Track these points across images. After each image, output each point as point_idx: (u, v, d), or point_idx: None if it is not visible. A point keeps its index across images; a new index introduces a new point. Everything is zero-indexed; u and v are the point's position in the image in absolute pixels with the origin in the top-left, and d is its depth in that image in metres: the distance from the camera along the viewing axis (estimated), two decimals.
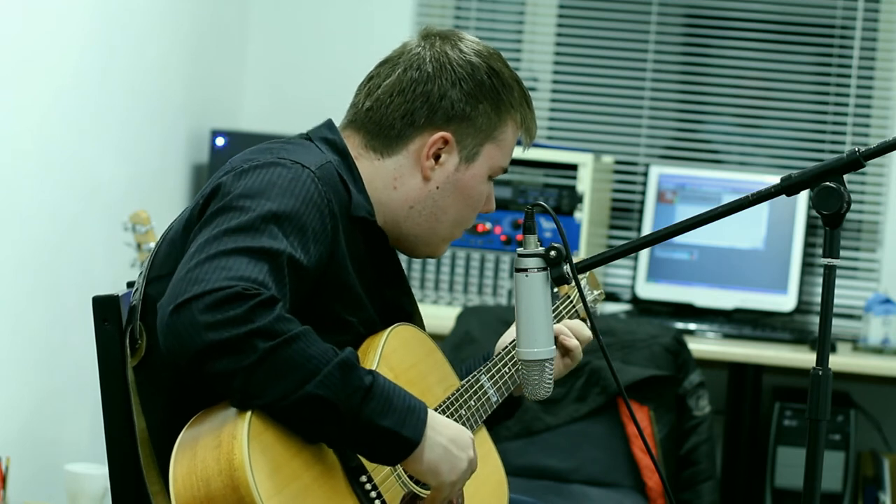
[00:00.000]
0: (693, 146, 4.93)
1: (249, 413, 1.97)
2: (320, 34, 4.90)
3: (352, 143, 2.30)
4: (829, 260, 2.00)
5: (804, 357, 4.22)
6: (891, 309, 4.41)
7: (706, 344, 4.31)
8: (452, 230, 2.34)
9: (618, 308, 4.56)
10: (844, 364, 4.21)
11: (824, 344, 2.00)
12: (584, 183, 4.41)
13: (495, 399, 2.41)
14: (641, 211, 4.76)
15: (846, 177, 2.02)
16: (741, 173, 4.78)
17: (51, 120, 3.64)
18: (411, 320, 2.36)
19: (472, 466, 2.14)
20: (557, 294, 2.56)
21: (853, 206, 2.13)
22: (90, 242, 3.85)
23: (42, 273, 3.64)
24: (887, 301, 4.44)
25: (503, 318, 3.96)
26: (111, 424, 2.19)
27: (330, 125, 2.32)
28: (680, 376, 3.99)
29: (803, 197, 4.52)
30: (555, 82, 4.96)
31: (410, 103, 2.27)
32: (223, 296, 1.94)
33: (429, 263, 4.44)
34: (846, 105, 4.80)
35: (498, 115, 2.31)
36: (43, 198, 3.62)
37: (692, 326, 4.43)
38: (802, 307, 4.67)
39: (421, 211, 2.30)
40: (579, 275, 2.15)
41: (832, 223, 2.00)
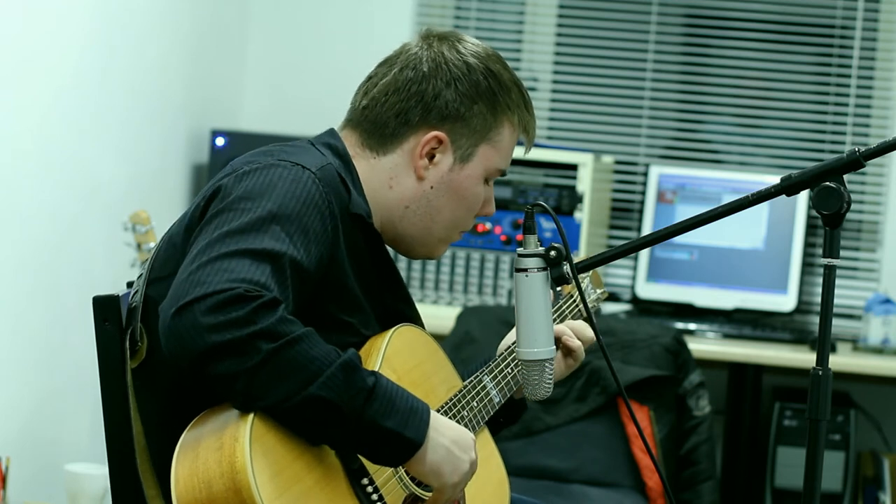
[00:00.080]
0: (693, 146, 4.93)
1: (251, 415, 1.97)
2: (320, 34, 4.90)
3: (349, 142, 2.30)
4: (829, 260, 2.00)
5: (804, 357, 4.21)
6: (891, 309, 4.41)
7: (706, 344, 4.31)
8: (448, 232, 2.34)
9: (618, 308, 4.56)
10: (844, 364, 4.21)
11: (824, 344, 2.00)
12: (584, 183, 4.41)
13: (498, 400, 2.41)
14: (641, 211, 4.76)
15: (846, 177, 2.02)
16: (741, 173, 4.78)
17: (51, 120, 3.64)
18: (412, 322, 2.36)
19: (474, 468, 2.14)
20: (561, 293, 2.56)
21: (853, 206, 2.13)
22: (90, 242, 3.85)
23: (42, 273, 3.64)
24: (887, 301, 4.43)
25: (503, 318, 3.96)
26: (111, 424, 2.19)
27: (332, 133, 2.33)
28: (680, 376, 3.99)
29: (803, 197, 4.52)
30: (555, 82, 4.96)
31: (405, 102, 2.27)
32: (225, 298, 1.93)
33: (429, 263, 4.44)
34: (846, 105, 4.80)
35: (494, 116, 2.30)
36: (43, 198, 3.62)
37: (692, 326, 4.43)
38: (802, 307, 4.67)
39: (416, 211, 2.30)
40: (581, 274, 2.15)
41: (832, 223, 2.00)
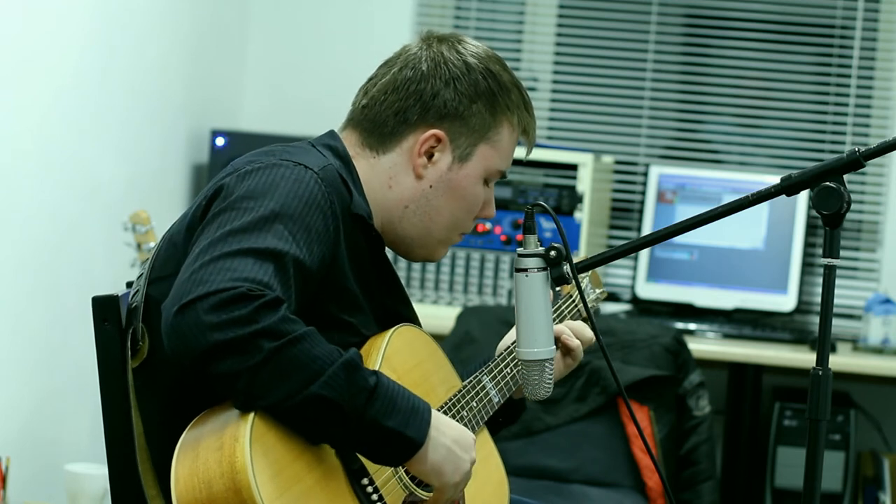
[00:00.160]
0: (693, 146, 4.93)
1: (252, 415, 1.97)
2: (320, 34, 4.90)
3: (350, 143, 2.30)
4: (829, 260, 2.00)
5: (804, 357, 4.21)
6: (891, 309, 4.41)
7: (706, 344, 4.31)
8: (448, 232, 2.34)
9: (618, 308, 4.56)
10: (844, 364, 4.21)
11: (824, 344, 2.00)
12: (584, 183, 4.41)
13: (497, 400, 2.40)
14: (641, 211, 4.76)
15: (846, 177, 2.02)
16: (741, 173, 4.78)
17: (51, 120, 3.64)
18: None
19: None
20: (560, 293, 2.56)
21: (853, 206, 2.13)
22: (90, 242, 3.85)
23: (42, 273, 3.64)
24: (887, 301, 4.43)
25: (503, 318, 3.96)
26: (111, 424, 2.19)
27: (332, 134, 2.33)
28: (680, 376, 3.99)
29: (803, 197, 4.52)
30: (555, 82, 4.96)
31: (404, 101, 2.27)
32: (228, 296, 1.93)
33: (429, 264, 4.43)
34: (846, 105, 4.80)
35: (493, 116, 2.30)
36: (43, 198, 3.62)
37: (692, 326, 4.43)
38: (802, 307, 4.67)
39: (415, 211, 2.30)
40: (580, 274, 2.15)
41: (832, 223, 2.00)
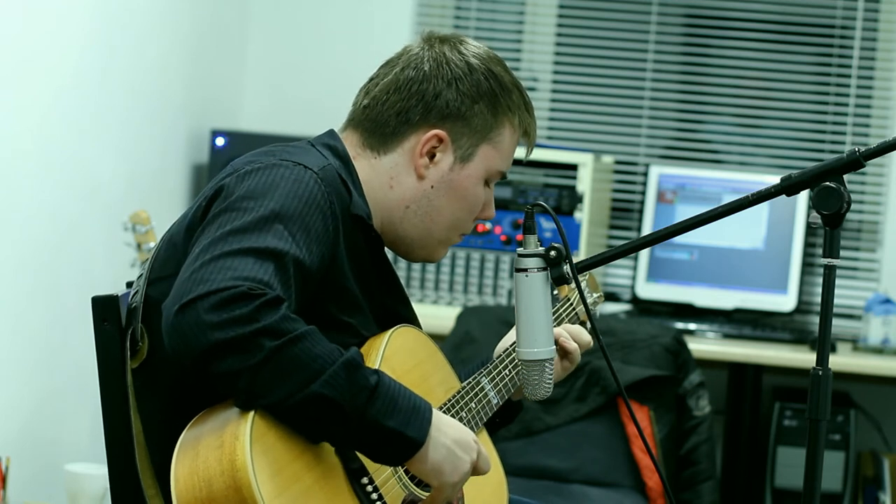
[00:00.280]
0: (693, 146, 4.93)
1: (252, 413, 1.97)
2: (320, 34, 4.90)
3: (350, 143, 2.30)
4: (829, 260, 2.00)
5: (804, 357, 4.21)
6: (891, 309, 4.41)
7: (706, 344, 4.31)
8: (448, 233, 2.34)
9: (618, 308, 4.56)
10: (844, 364, 4.21)
11: (824, 344, 2.00)
12: (584, 183, 4.41)
13: (496, 401, 2.40)
14: (641, 211, 4.76)
15: (846, 177, 2.02)
16: (741, 173, 4.78)
17: (51, 120, 3.64)
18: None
19: (486, 466, 2.15)
20: (557, 297, 2.56)
21: (853, 206, 2.13)
22: (90, 242, 3.85)
23: (42, 273, 3.64)
24: (887, 301, 4.43)
25: (503, 318, 3.96)
26: (111, 424, 2.19)
27: (332, 133, 2.33)
28: (680, 376, 3.99)
29: (803, 197, 4.52)
30: (555, 82, 4.96)
31: (405, 101, 2.27)
32: (229, 295, 1.93)
33: (429, 264, 4.43)
34: (846, 105, 4.80)
35: (494, 117, 2.30)
36: (43, 198, 3.62)
37: (692, 326, 4.43)
38: (802, 307, 4.67)
39: (416, 211, 2.30)
40: (579, 275, 2.15)
41: (832, 223, 2.00)
